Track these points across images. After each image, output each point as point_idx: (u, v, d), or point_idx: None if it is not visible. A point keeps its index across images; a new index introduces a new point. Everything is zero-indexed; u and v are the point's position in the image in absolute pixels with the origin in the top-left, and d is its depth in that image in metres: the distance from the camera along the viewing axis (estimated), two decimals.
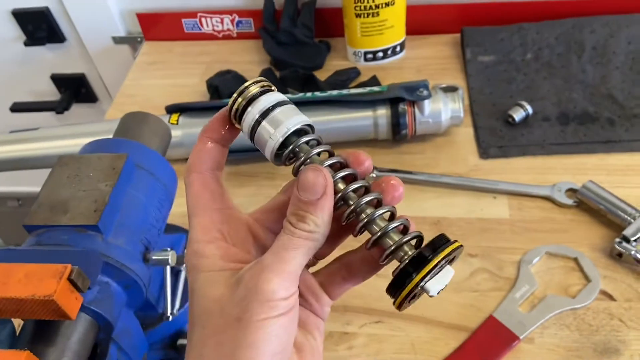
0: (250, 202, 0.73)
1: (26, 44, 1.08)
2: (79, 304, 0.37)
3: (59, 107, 1.14)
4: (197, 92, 0.90)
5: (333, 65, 0.93)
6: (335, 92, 0.75)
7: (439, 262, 0.29)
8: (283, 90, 0.84)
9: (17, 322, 0.41)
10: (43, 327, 0.40)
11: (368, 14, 0.84)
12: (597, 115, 0.77)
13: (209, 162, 0.34)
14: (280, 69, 0.92)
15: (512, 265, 0.63)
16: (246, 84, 0.32)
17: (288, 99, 0.33)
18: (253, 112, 0.31)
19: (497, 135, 0.77)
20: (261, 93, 0.32)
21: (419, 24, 0.94)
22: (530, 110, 0.76)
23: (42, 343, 0.40)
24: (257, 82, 0.33)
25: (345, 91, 0.75)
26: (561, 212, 0.67)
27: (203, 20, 0.99)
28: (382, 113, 0.74)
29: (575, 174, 0.71)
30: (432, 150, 0.77)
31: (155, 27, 1.02)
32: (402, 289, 0.29)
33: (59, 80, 1.17)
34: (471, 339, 0.57)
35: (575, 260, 0.62)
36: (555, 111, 0.78)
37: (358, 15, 0.85)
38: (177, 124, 0.75)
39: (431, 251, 0.29)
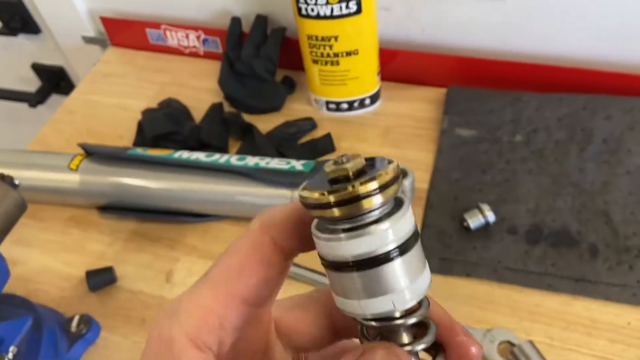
0: (138, 274, 0.63)
1: (1, 32, 1.02)
2: None
3: (32, 100, 1.09)
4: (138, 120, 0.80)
5: (293, 108, 0.79)
6: (251, 163, 0.63)
7: None
8: (202, 143, 0.72)
9: None
10: None
11: (327, 62, 0.70)
12: (580, 237, 0.59)
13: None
14: (232, 106, 0.79)
15: None
16: (362, 188, 0.19)
17: (416, 226, 0.21)
18: (354, 249, 0.20)
19: (444, 243, 0.61)
20: (387, 216, 0.20)
21: (404, 71, 0.78)
22: (491, 218, 0.60)
23: None
24: (386, 185, 0.19)
25: (263, 163, 0.63)
26: None
27: (167, 32, 0.88)
28: None
29: (524, 318, 0.55)
30: None
31: (121, 33, 0.92)
32: None
33: (39, 69, 1.11)
34: None
35: None
36: (527, 222, 0.61)
37: (315, 62, 0.71)
38: (76, 170, 0.66)
39: None
